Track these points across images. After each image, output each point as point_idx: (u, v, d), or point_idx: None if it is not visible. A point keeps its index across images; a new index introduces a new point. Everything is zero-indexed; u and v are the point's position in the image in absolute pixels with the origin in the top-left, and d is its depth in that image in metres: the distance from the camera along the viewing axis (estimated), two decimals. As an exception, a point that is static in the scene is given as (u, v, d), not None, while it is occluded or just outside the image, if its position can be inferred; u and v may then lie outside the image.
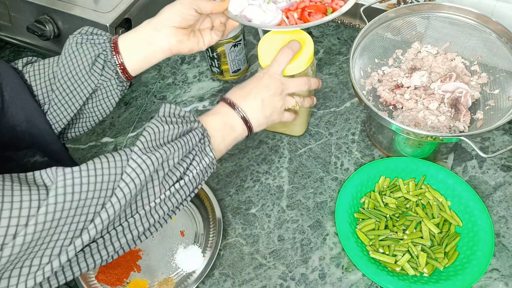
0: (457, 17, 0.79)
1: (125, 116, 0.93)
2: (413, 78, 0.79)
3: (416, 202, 0.74)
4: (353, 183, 0.75)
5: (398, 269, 0.67)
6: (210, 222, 0.74)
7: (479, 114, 0.75)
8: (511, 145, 0.69)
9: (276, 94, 0.65)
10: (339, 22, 1.04)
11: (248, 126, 0.62)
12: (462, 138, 0.65)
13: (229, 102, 0.62)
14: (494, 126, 0.66)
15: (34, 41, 0.95)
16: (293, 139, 0.85)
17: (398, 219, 0.72)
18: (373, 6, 0.93)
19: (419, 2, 0.90)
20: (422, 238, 0.69)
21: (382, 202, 0.74)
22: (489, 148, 0.81)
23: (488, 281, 0.66)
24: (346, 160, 0.81)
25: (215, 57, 0.90)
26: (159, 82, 0.98)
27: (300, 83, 0.68)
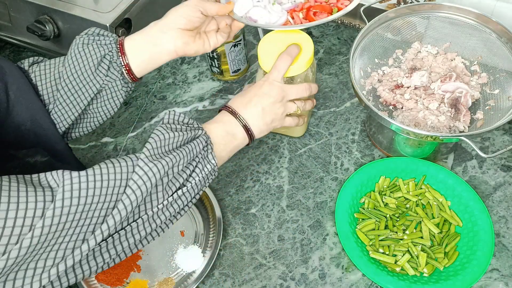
0: (457, 17, 0.79)
1: (125, 116, 0.93)
2: (413, 78, 0.79)
3: (416, 202, 0.74)
4: (353, 183, 0.75)
5: (398, 269, 0.67)
6: (210, 222, 0.74)
7: (479, 114, 0.75)
8: (511, 145, 0.69)
9: (276, 101, 0.65)
10: (339, 22, 1.04)
11: (249, 134, 0.63)
12: (462, 138, 0.65)
13: (230, 110, 0.63)
14: (494, 126, 0.66)
15: (34, 41, 0.95)
16: (293, 139, 0.85)
17: (398, 219, 0.72)
18: (373, 6, 0.93)
19: (419, 2, 0.90)
20: (422, 238, 0.69)
21: (382, 202, 0.74)
22: (489, 148, 0.81)
23: (488, 281, 0.66)
24: (346, 160, 0.81)
25: (215, 57, 0.90)
26: (159, 82, 0.98)
27: (301, 90, 0.68)
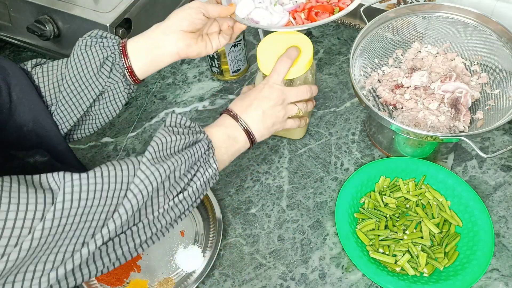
0: (457, 17, 0.79)
1: (125, 116, 0.93)
2: (413, 78, 0.79)
3: (416, 202, 0.74)
4: (353, 183, 0.75)
5: (398, 269, 0.67)
6: (210, 222, 0.74)
7: (479, 114, 0.75)
8: (511, 145, 0.69)
9: (277, 104, 0.65)
10: (339, 22, 1.04)
11: (250, 137, 0.63)
12: (462, 138, 0.65)
13: (232, 114, 0.63)
14: (494, 126, 0.66)
15: (34, 41, 0.95)
16: (293, 139, 0.85)
17: (398, 219, 0.72)
18: (373, 6, 0.93)
19: (419, 2, 0.90)
20: (422, 238, 0.69)
21: (382, 202, 0.74)
22: (489, 148, 0.81)
23: (488, 281, 0.66)
24: (346, 160, 0.81)
25: (215, 57, 0.90)
26: (159, 82, 0.98)
27: (301, 92, 0.68)
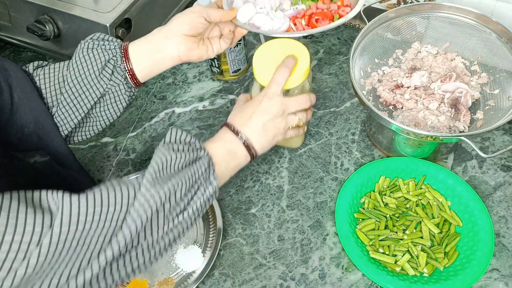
0: (457, 17, 0.79)
1: (125, 116, 0.93)
2: (413, 78, 0.79)
3: (416, 202, 0.74)
4: (353, 183, 0.75)
5: (398, 269, 0.67)
6: (210, 222, 0.74)
7: (479, 114, 0.75)
8: (511, 145, 0.69)
9: (277, 116, 0.63)
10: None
11: (251, 152, 0.62)
12: (462, 138, 0.65)
13: (232, 128, 0.62)
14: (494, 126, 0.66)
15: (34, 41, 0.95)
16: (291, 148, 0.84)
17: (398, 219, 0.72)
18: (373, 6, 0.93)
19: (419, 2, 0.90)
20: (422, 238, 0.69)
21: (382, 202, 0.74)
22: (489, 148, 0.81)
23: (488, 281, 0.66)
24: (346, 160, 0.81)
25: (215, 57, 0.90)
26: (159, 82, 0.98)
27: (301, 102, 0.66)
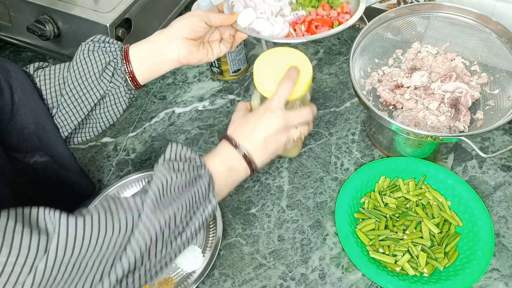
0: (457, 17, 0.79)
1: (125, 116, 0.93)
2: (413, 78, 0.79)
3: (416, 202, 0.74)
4: (353, 183, 0.75)
5: (398, 269, 0.67)
6: (210, 222, 0.74)
7: (479, 114, 0.75)
8: (511, 145, 0.69)
9: (279, 131, 0.61)
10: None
11: (252, 167, 0.60)
12: (462, 138, 0.65)
13: (234, 143, 0.60)
14: (494, 126, 0.66)
15: (34, 41, 0.95)
16: (289, 157, 0.84)
17: (398, 219, 0.72)
18: (373, 6, 0.93)
19: (419, 2, 0.90)
20: (422, 238, 0.69)
21: (382, 202, 0.74)
22: (489, 148, 0.81)
23: (488, 281, 0.66)
24: (346, 160, 0.81)
25: (215, 57, 0.90)
26: (159, 82, 0.98)
27: (303, 115, 0.64)
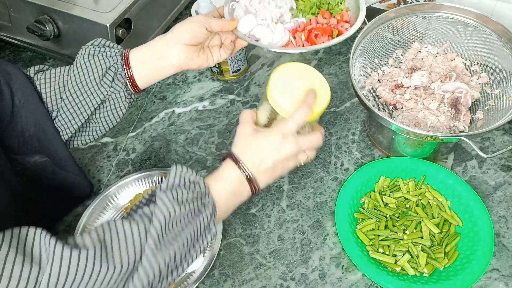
0: (457, 17, 0.79)
1: (125, 116, 0.93)
2: (413, 78, 0.79)
3: (416, 202, 0.74)
4: (353, 183, 0.75)
5: (398, 269, 0.67)
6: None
7: (479, 114, 0.75)
8: (511, 145, 0.69)
9: (289, 158, 0.59)
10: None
11: (254, 191, 0.59)
12: (462, 138, 0.65)
13: (240, 166, 0.57)
14: (494, 126, 0.66)
15: (34, 41, 0.95)
16: None
17: (398, 219, 0.72)
18: (373, 6, 0.93)
19: (419, 2, 0.90)
20: (422, 238, 0.69)
21: (382, 202, 0.74)
22: (489, 148, 0.81)
23: (488, 281, 0.66)
24: (346, 160, 0.81)
25: (215, 57, 0.90)
26: (159, 82, 0.98)
27: (314, 142, 0.61)
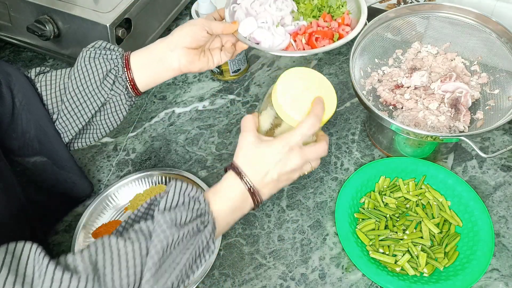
0: (457, 17, 0.79)
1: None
2: (413, 78, 0.79)
3: (416, 202, 0.74)
4: (353, 183, 0.75)
5: (398, 269, 0.67)
6: (210, 222, 0.74)
7: (479, 114, 0.75)
8: (511, 145, 0.69)
9: (295, 170, 0.57)
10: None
11: (257, 203, 0.57)
12: (462, 138, 0.65)
13: (243, 179, 0.55)
14: (494, 126, 0.66)
15: (34, 41, 0.95)
16: None
17: (398, 219, 0.72)
18: (373, 6, 0.93)
19: (419, 2, 0.90)
20: (422, 238, 0.69)
21: (382, 202, 0.74)
22: (489, 148, 0.81)
23: (488, 281, 0.66)
24: (346, 160, 0.81)
25: (215, 57, 0.90)
26: (159, 82, 0.98)
27: (320, 152, 0.59)
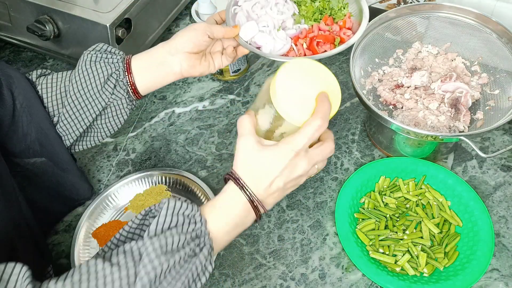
0: (457, 17, 0.79)
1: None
2: (413, 78, 0.79)
3: (416, 202, 0.74)
4: (353, 183, 0.75)
5: (398, 269, 0.67)
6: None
7: (479, 114, 0.75)
8: (511, 145, 0.69)
9: (301, 176, 0.55)
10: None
11: (259, 215, 0.55)
12: (462, 138, 0.65)
13: (245, 191, 0.52)
14: (494, 126, 0.66)
15: (34, 41, 0.95)
16: None
17: (398, 219, 0.72)
18: (373, 6, 0.93)
19: (419, 2, 0.90)
20: (422, 238, 0.69)
21: (382, 202, 0.74)
22: (489, 148, 0.81)
23: (488, 281, 0.66)
24: (346, 160, 0.81)
25: (215, 57, 0.90)
26: (159, 82, 0.98)
27: (327, 153, 0.56)
